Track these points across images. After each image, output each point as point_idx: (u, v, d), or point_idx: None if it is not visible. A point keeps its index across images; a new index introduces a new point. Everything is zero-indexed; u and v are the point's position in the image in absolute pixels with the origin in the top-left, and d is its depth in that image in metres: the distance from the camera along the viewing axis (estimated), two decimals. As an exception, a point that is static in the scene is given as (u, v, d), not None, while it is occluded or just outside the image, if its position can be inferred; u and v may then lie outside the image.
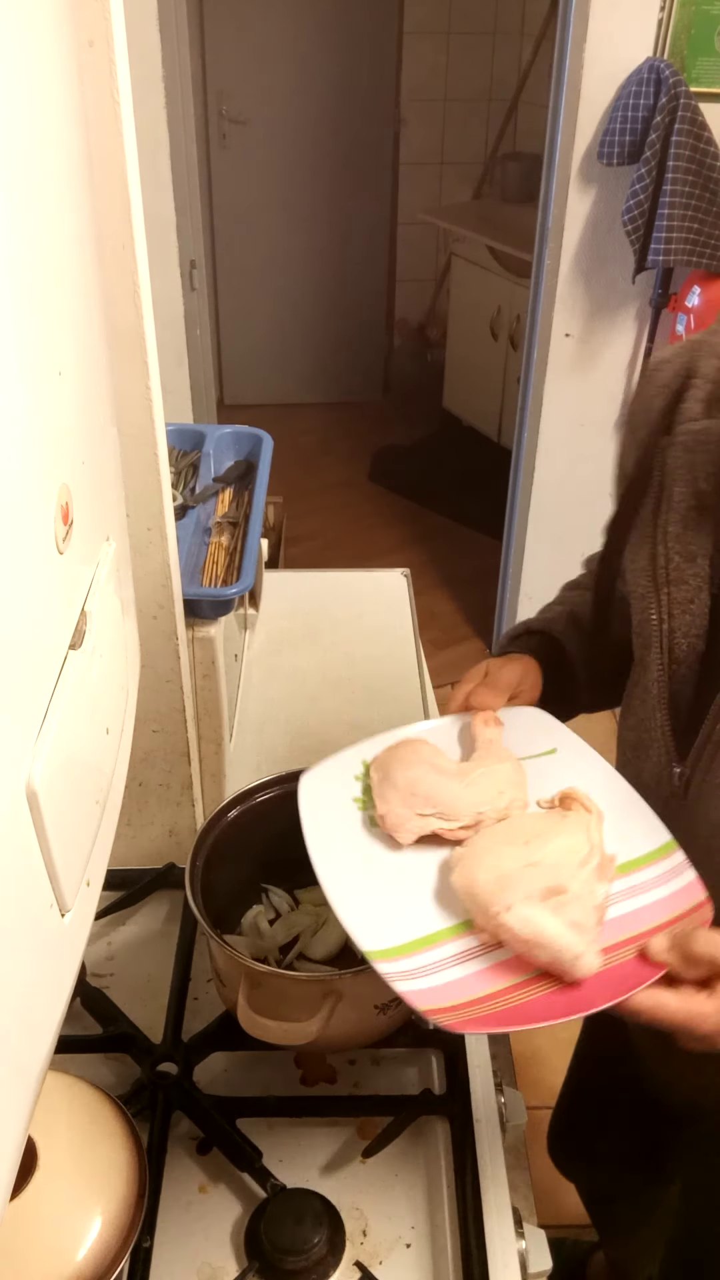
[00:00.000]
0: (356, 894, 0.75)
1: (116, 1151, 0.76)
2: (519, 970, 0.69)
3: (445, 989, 0.68)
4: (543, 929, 0.68)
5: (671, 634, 0.79)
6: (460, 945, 0.71)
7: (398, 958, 0.70)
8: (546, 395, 2.64)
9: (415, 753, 0.84)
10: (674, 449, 0.78)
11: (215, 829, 0.92)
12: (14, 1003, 0.50)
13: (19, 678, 0.48)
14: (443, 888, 0.75)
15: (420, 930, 0.73)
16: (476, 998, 0.68)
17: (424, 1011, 0.66)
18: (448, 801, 0.78)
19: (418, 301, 4.53)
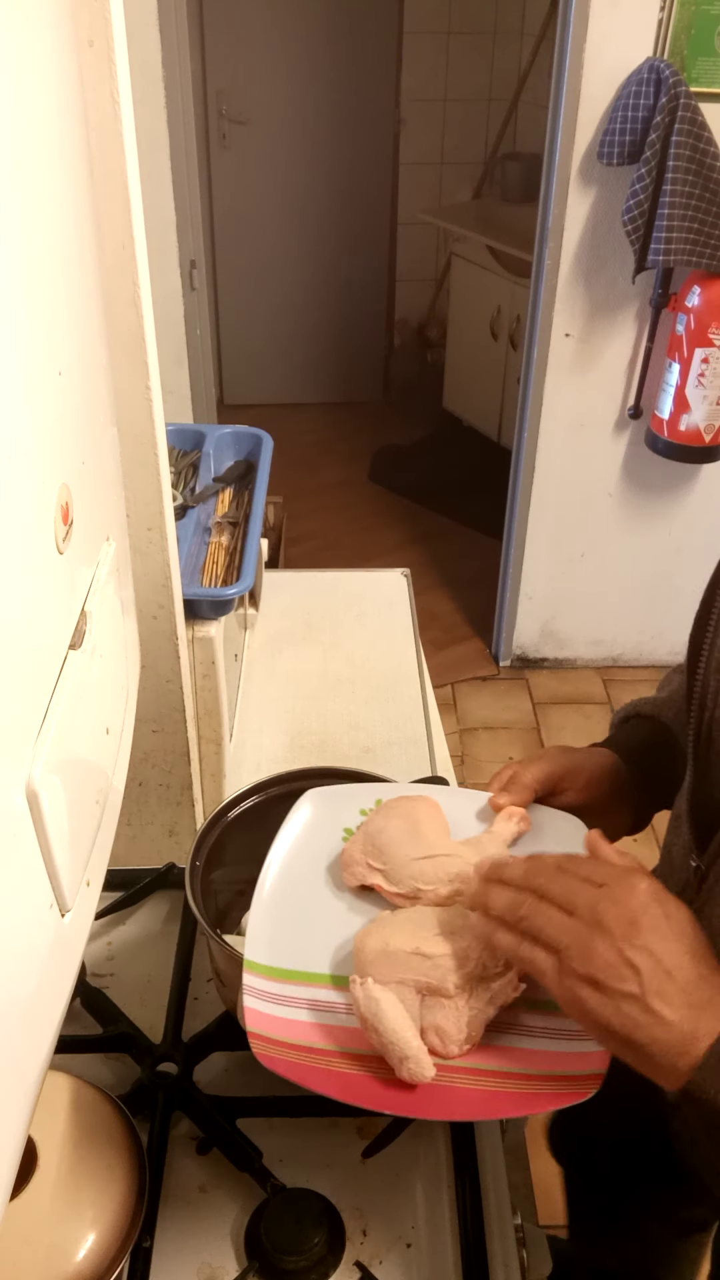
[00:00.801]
0: (278, 905, 0.76)
1: (116, 1151, 0.76)
2: (361, 1044, 0.68)
3: (281, 1022, 0.68)
4: (382, 1015, 0.67)
5: (711, 725, 0.72)
6: (329, 996, 0.72)
7: (267, 977, 0.71)
8: (546, 395, 2.64)
9: (407, 809, 0.82)
10: None
11: (215, 829, 0.92)
12: (14, 1002, 0.50)
13: (19, 678, 0.48)
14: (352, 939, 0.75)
15: (306, 965, 0.73)
16: (302, 1044, 0.68)
17: (248, 1031, 0.66)
18: (396, 864, 0.77)
19: (418, 301, 4.53)
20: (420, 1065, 0.66)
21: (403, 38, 4.01)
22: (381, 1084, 0.66)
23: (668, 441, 2.56)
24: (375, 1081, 0.67)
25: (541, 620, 3.04)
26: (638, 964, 0.58)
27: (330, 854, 0.82)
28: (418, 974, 0.69)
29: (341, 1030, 0.69)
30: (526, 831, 0.81)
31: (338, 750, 1.29)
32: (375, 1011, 0.67)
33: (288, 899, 0.77)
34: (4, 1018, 0.48)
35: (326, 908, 0.78)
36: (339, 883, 0.80)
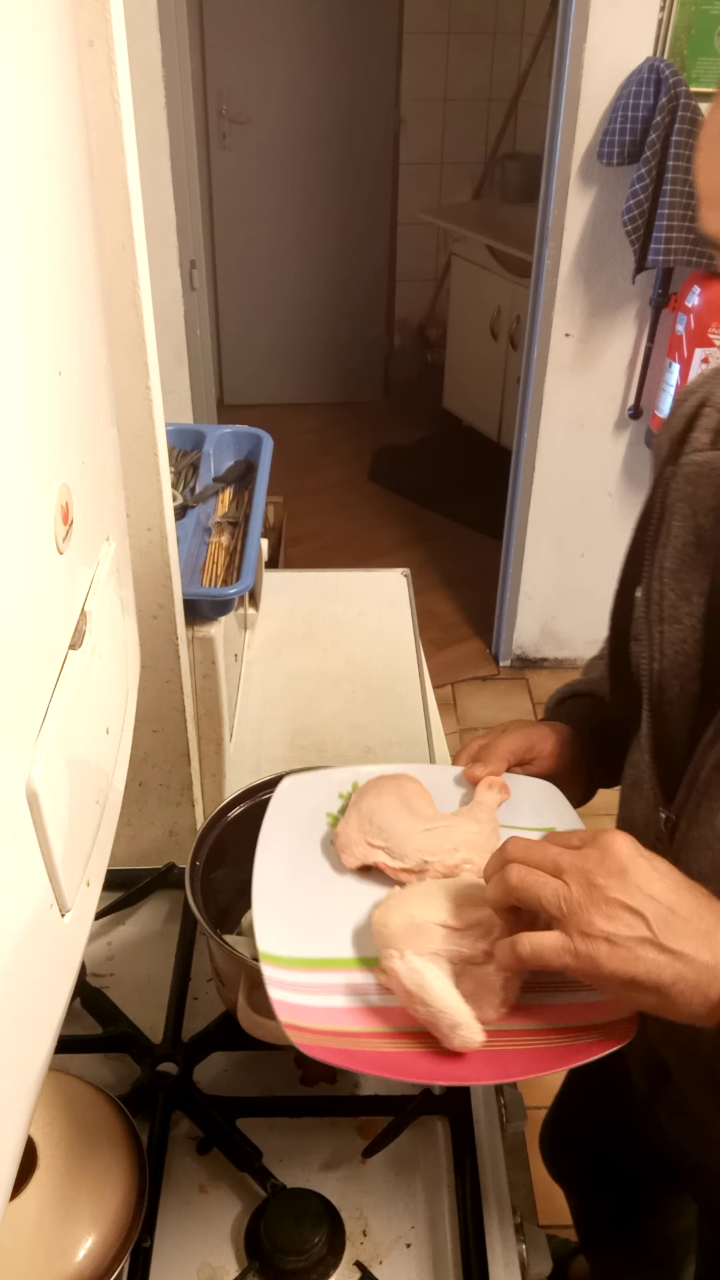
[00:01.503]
0: (282, 895, 0.75)
1: (116, 1151, 0.76)
2: (400, 1021, 0.68)
3: (315, 1011, 0.67)
4: (428, 985, 0.66)
5: (663, 674, 0.75)
6: (357, 978, 0.71)
7: (289, 968, 0.70)
8: (546, 395, 2.64)
9: (396, 786, 0.83)
10: (677, 479, 0.74)
11: (215, 829, 0.92)
12: (14, 1002, 0.50)
13: (19, 678, 0.48)
14: (367, 921, 0.75)
15: (325, 952, 0.72)
16: (342, 1030, 0.67)
17: (283, 1024, 0.65)
18: (399, 839, 0.78)
19: (418, 301, 4.53)
20: (472, 1031, 0.65)
21: (403, 38, 4.01)
22: (431, 1056, 0.66)
23: (668, 441, 2.56)
24: (425, 1055, 0.66)
25: (541, 620, 3.04)
26: (640, 908, 0.59)
27: (318, 839, 0.82)
28: (449, 945, 0.69)
29: (379, 1010, 0.69)
30: (507, 799, 0.84)
31: (338, 750, 1.29)
32: (420, 983, 0.66)
33: (288, 888, 0.76)
34: (4, 1018, 0.48)
35: (329, 892, 0.78)
36: (336, 865, 0.79)
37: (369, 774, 0.86)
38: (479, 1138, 0.85)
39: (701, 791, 0.72)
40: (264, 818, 0.81)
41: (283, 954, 0.70)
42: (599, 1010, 0.68)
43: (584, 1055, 0.66)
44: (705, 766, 0.71)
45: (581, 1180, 1.28)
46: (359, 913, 0.76)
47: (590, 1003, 0.68)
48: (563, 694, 1.00)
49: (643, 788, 0.80)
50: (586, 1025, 0.67)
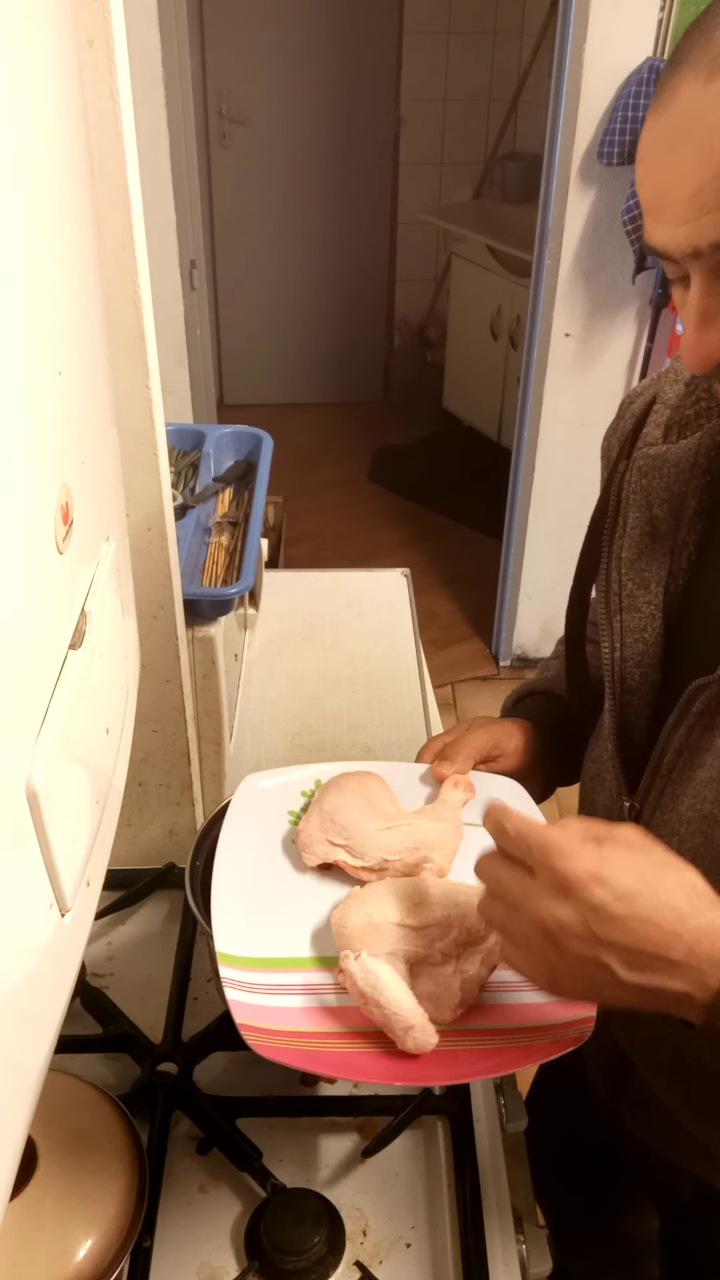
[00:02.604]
0: (241, 894, 0.75)
1: (116, 1151, 0.76)
2: (357, 1021, 0.68)
3: (272, 1011, 0.67)
4: (382, 986, 0.66)
5: (624, 663, 0.76)
6: (314, 978, 0.71)
7: (246, 968, 0.70)
8: (546, 395, 2.64)
9: (359, 784, 0.83)
10: (631, 473, 0.76)
11: (215, 829, 0.92)
12: (14, 1003, 0.50)
13: (19, 678, 0.48)
14: (326, 920, 0.75)
15: (283, 951, 0.72)
16: (298, 1030, 0.67)
17: (239, 1025, 0.65)
18: (359, 838, 0.77)
19: (418, 301, 4.53)
20: (425, 1033, 0.65)
21: (403, 38, 4.01)
22: (385, 1057, 0.66)
23: (668, 441, 2.56)
24: (379, 1055, 0.66)
25: (541, 620, 3.04)
26: (604, 960, 0.56)
27: (279, 838, 0.82)
28: (406, 945, 0.69)
29: (335, 1011, 0.69)
30: (473, 798, 0.84)
31: (338, 750, 1.29)
32: (374, 984, 0.66)
33: (248, 887, 0.77)
34: (4, 1018, 0.48)
35: (289, 891, 0.78)
36: (297, 864, 0.79)
37: (332, 771, 0.86)
38: (479, 1138, 0.85)
39: (665, 778, 0.73)
40: (225, 816, 0.81)
41: (240, 954, 0.71)
42: (558, 1009, 0.68)
43: (542, 1055, 0.66)
44: (669, 752, 0.72)
45: (549, 1186, 1.27)
46: (319, 912, 0.76)
47: (546, 1002, 0.68)
48: (520, 693, 1.00)
49: (605, 779, 0.81)
50: (545, 1025, 0.67)
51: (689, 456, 0.74)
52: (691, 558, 0.75)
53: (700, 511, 0.74)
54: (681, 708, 0.70)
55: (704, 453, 0.74)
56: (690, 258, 0.57)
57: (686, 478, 0.74)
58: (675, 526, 0.75)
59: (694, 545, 0.75)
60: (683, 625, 0.75)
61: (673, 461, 0.74)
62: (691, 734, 0.70)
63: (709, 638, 0.72)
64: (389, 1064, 0.66)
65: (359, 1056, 0.66)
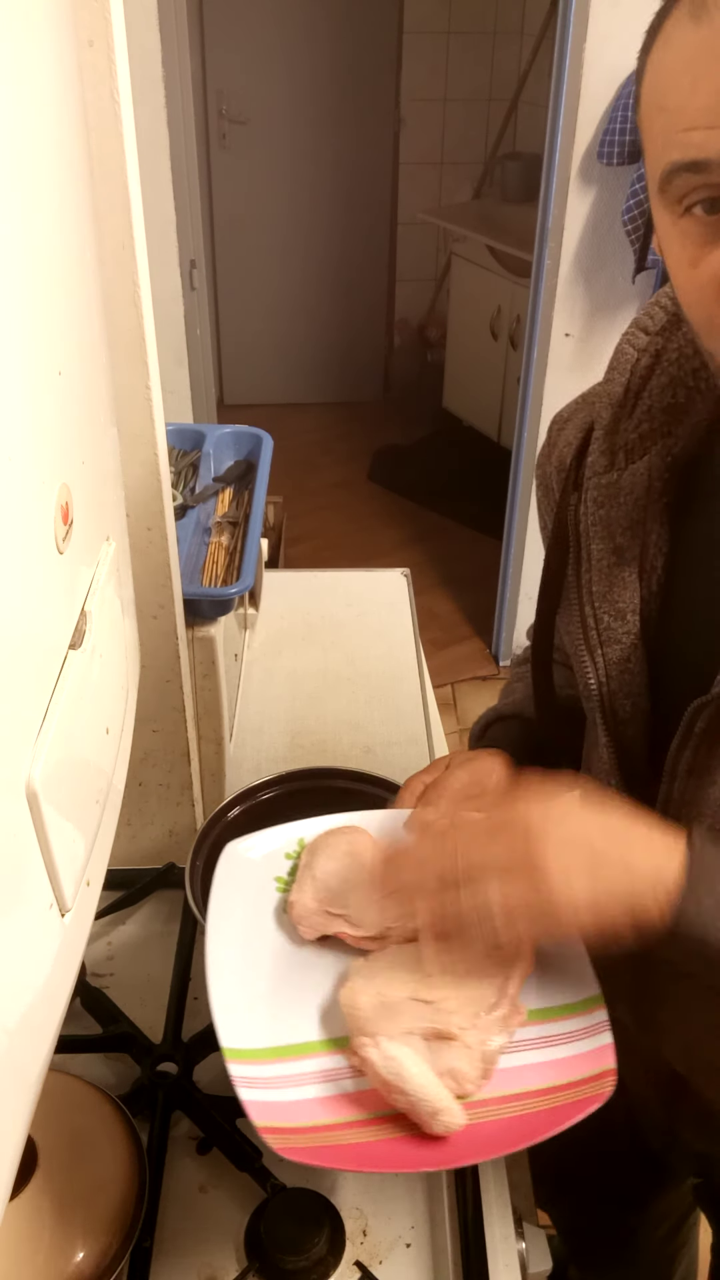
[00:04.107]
0: (239, 981, 0.70)
1: (116, 1151, 0.76)
2: (378, 1105, 0.64)
3: (291, 1107, 0.63)
4: (406, 1074, 0.63)
5: (612, 696, 0.75)
6: (329, 1063, 0.67)
7: (256, 1061, 0.66)
8: (546, 395, 2.64)
9: (350, 844, 0.78)
10: (585, 504, 0.74)
11: (215, 829, 0.92)
12: (14, 1003, 0.50)
13: (19, 678, 0.48)
14: (332, 996, 0.71)
15: (292, 1037, 0.68)
16: (318, 1124, 0.63)
17: (258, 1128, 0.61)
18: (357, 906, 0.73)
19: (418, 301, 4.53)
20: (453, 1115, 0.62)
21: (403, 38, 4.01)
22: (415, 1141, 0.63)
23: (668, 441, 2.56)
24: (409, 1141, 0.63)
25: (541, 620, 3.04)
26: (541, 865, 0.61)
27: (270, 910, 0.77)
28: (422, 1021, 0.66)
29: (352, 1097, 0.65)
30: None
31: (338, 750, 1.29)
32: (398, 1072, 0.63)
33: (245, 971, 0.72)
34: (4, 1018, 0.48)
35: (289, 968, 0.73)
36: (292, 937, 0.75)
37: (315, 829, 0.81)
38: (479, 1138, 0.85)
39: (679, 802, 0.71)
40: (210, 893, 0.76)
41: (248, 1047, 0.66)
42: (576, 1065, 0.65)
43: (569, 1115, 0.63)
44: (678, 777, 0.71)
45: (571, 1199, 1.27)
46: (324, 988, 0.72)
47: (565, 1059, 0.66)
48: (487, 719, 0.97)
49: None
50: (565, 1084, 0.65)
51: (643, 481, 0.72)
52: (661, 580, 0.74)
53: (664, 535, 0.73)
54: (684, 730, 0.69)
55: (658, 475, 0.72)
56: None
57: (644, 503, 0.73)
58: (641, 553, 0.74)
59: (661, 568, 0.74)
60: (664, 649, 0.74)
61: (627, 489, 0.73)
62: (698, 754, 0.69)
63: (695, 656, 0.70)
64: (418, 1150, 0.63)
65: (385, 1145, 0.63)
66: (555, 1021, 0.68)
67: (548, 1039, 0.68)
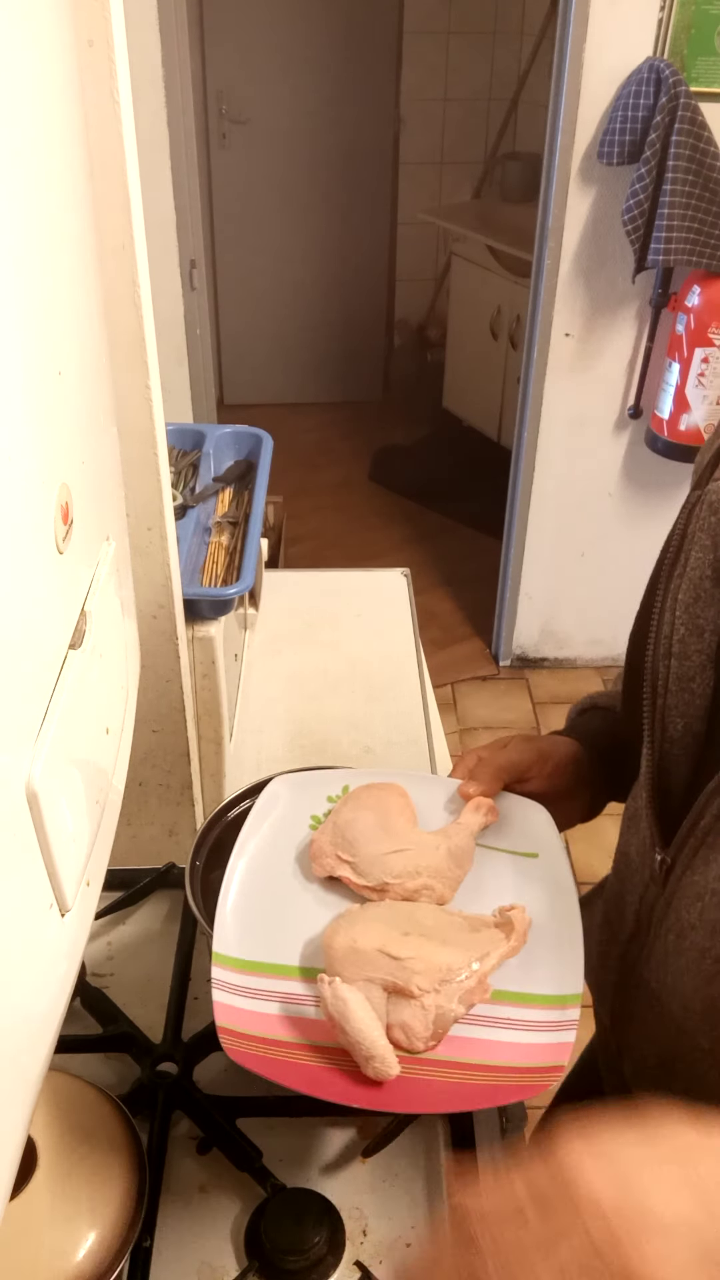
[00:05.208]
0: (247, 896, 0.76)
1: (116, 1151, 0.76)
2: (330, 1037, 0.68)
3: (249, 1015, 0.69)
4: (350, 1014, 0.66)
5: (666, 711, 0.71)
6: (297, 988, 0.71)
7: (236, 969, 0.71)
8: (546, 395, 2.64)
9: (379, 798, 0.82)
10: (700, 508, 0.69)
11: (215, 829, 0.92)
12: (14, 1003, 0.50)
13: (19, 678, 0.48)
14: (321, 932, 0.75)
15: (274, 957, 0.73)
16: (271, 1037, 0.68)
17: (218, 1026, 0.67)
18: (365, 857, 0.77)
19: (418, 301, 4.53)
20: (385, 1064, 0.66)
21: (403, 37, 4.01)
22: (349, 1078, 0.66)
23: (668, 441, 2.56)
24: (342, 1075, 0.67)
25: (541, 620, 3.04)
26: None
27: (298, 843, 0.82)
28: (384, 973, 0.69)
29: (310, 1023, 0.69)
30: (494, 822, 0.82)
31: (338, 750, 1.29)
32: (342, 1011, 0.67)
33: (256, 889, 0.77)
34: (4, 1018, 0.48)
35: (295, 898, 0.78)
36: (308, 872, 0.79)
37: (362, 779, 0.85)
38: (479, 1138, 0.85)
39: (700, 839, 0.69)
40: (248, 814, 0.82)
41: (233, 955, 0.72)
42: (530, 1054, 0.67)
43: (505, 1097, 0.66)
44: (707, 814, 0.68)
45: None
46: (318, 923, 0.76)
47: (524, 1044, 0.68)
48: (584, 705, 0.96)
49: (640, 824, 0.77)
50: (514, 1067, 0.67)
51: None
52: None
53: None
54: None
55: None
56: None
57: None
58: None
59: None
60: None
61: None
62: None
63: None
64: (351, 1086, 0.66)
65: (324, 1072, 0.67)
66: (528, 1007, 0.70)
67: (514, 1021, 0.69)
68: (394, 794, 0.83)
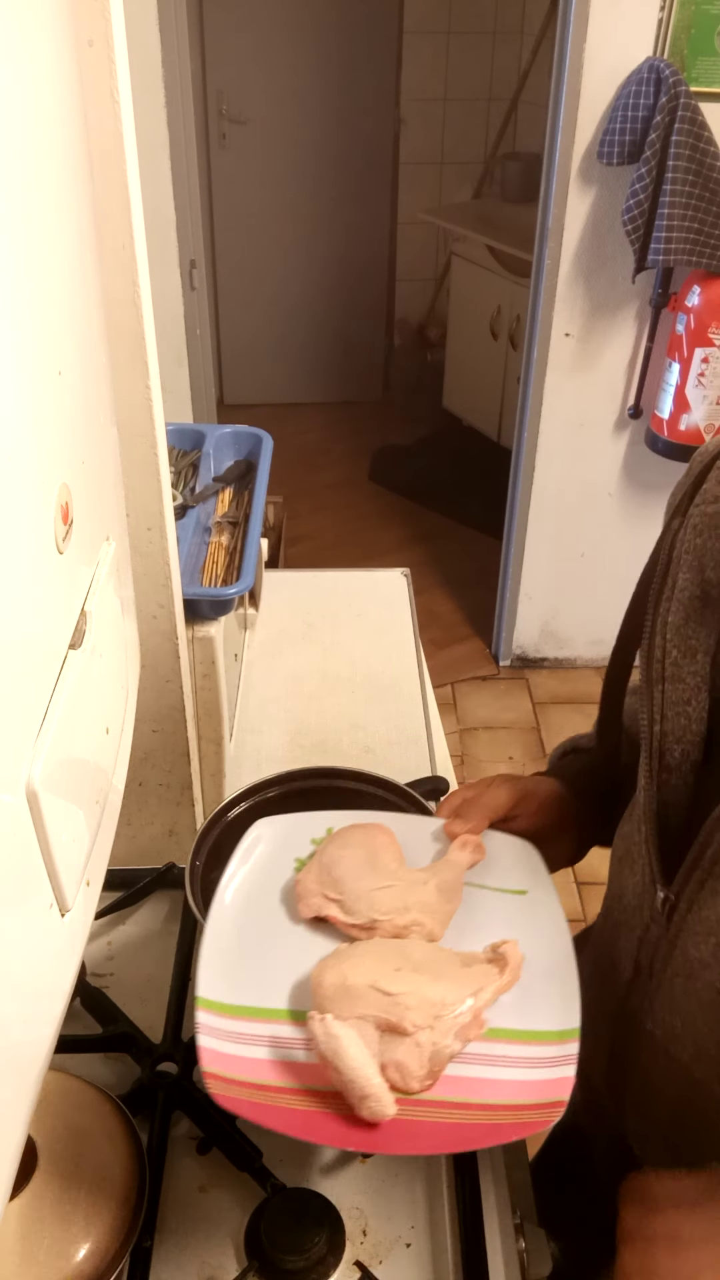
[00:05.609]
0: (231, 939, 0.74)
1: (116, 1151, 0.76)
2: (321, 1080, 0.66)
3: (237, 1061, 0.66)
4: (343, 1052, 0.65)
5: (663, 737, 0.70)
6: (285, 1032, 0.69)
7: (221, 1014, 0.69)
8: (546, 395, 2.64)
9: (366, 838, 0.81)
10: (685, 531, 0.69)
11: (215, 829, 0.92)
12: (14, 1003, 0.50)
13: (19, 678, 0.48)
14: (309, 974, 0.73)
15: (260, 1001, 0.71)
16: (260, 1083, 0.66)
17: (203, 1070, 0.64)
18: (352, 895, 0.76)
19: (418, 301, 4.53)
20: (380, 1104, 0.64)
21: (403, 37, 4.01)
22: (343, 1120, 0.65)
23: (668, 441, 2.56)
24: (337, 1118, 0.65)
25: (541, 620, 3.04)
26: None
27: (282, 885, 0.80)
28: (377, 1010, 0.68)
29: (301, 1067, 0.67)
30: (481, 860, 0.80)
31: (338, 750, 1.29)
32: (335, 1049, 0.65)
33: (240, 932, 0.75)
34: (4, 1018, 0.48)
35: (281, 940, 0.76)
36: (293, 914, 0.77)
37: (346, 820, 0.84)
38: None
39: (706, 871, 0.67)
40: (230, 857, 0.79)
41: (219, 999, 0.69)
42: (529, 1090, 0.66)
43: (504, 1136, 0.65)
44: (712, 845, 0.66)
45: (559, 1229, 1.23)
46: (304, 965, 0.74)
47: (522, 1081, 0.66)
48: (565, 748, 0.96)
49: (636, 862, 0.75)
50: (512, 1104, 0.65)
51: None
52: None
53: None
54: None
55: None
56: None
57: None
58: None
59: None
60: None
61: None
62: None
63: None
64: (344, 1128, 0.64)
65: (317, 1117, 0.65)
66: (526, 1044, 0.69)
67: (512, 1059, 0.68)
68: (380, 833, 0.82)
